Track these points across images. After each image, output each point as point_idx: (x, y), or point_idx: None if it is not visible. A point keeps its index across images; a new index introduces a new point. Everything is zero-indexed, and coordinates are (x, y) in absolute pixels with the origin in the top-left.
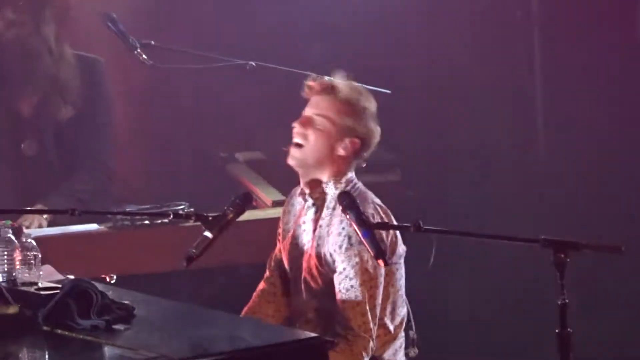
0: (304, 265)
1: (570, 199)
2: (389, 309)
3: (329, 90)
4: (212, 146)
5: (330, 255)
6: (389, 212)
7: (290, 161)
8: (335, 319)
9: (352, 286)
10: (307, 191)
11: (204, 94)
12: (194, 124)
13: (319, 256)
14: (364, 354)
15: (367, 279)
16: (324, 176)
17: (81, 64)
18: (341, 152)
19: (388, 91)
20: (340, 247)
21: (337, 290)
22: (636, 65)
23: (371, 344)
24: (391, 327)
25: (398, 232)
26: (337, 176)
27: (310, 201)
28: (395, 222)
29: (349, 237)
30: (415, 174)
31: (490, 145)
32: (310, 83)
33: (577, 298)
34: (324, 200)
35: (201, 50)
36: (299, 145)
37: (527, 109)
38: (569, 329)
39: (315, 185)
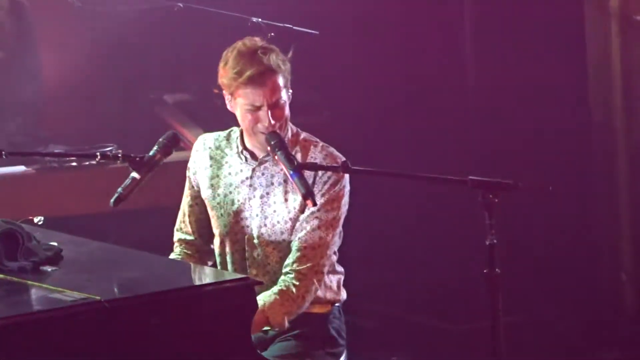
0: (258, 221)
1: (499, 137)
2: (335, 251)
3: (268, 74)
4: (140, 88)
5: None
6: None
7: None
8: (287, 261)
9: (319, 227)
10: (262, 155)
11: (132, 35)
12: (122, 65)
13: (275, 208)
14: (306, 297)
15: (333, 222)
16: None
17: (9, 6)
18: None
19: (316, 32)
20: (322, 194)
21: (302, 228)
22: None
23: (316, 287)
24: (341, 269)
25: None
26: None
27: (262, 156)
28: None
29: (332, 185)
30: (344, 115)
31: (420, 84)
32: (261, 72)
33: (505, 238)
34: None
35: None
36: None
37: (457, 45)
38: (497, 270)
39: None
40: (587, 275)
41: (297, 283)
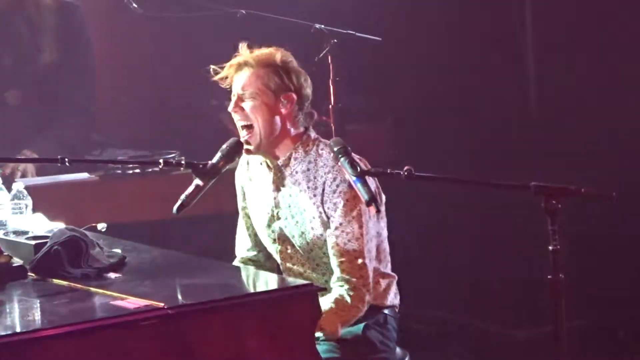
0: (283, 232)
1: (561, 146)
2: (382, 256)
3: (243, 65)
4: (203, 94)
5: (324, 213)
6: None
7: (248, 150)
8: (332, 275)
9: (349, 240)
10: (274, 162)
11: (195, 41)
12: (185, 71)
13: (303, 219)
14: (360, 306)
15: (364, 232)
16: (287, 143)
17: (59, 9)
18: (283, 110)
19: (378, 39)
20: (335, 204)
21: (333, 244)
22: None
23: (368, 297)
24: (389, 271)
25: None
26: (299, 139)
27: (278, 168)
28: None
29: (344, 193)
30: (405, 122)
31: (481, 93)
32: (222, 71)
33: (568, 244)
34: (287, 164)
35: None
36: (248, 127)
37: (519, 57)
38: (560, 275)
39: (281, 154)
40: None
41: (352, 293)
